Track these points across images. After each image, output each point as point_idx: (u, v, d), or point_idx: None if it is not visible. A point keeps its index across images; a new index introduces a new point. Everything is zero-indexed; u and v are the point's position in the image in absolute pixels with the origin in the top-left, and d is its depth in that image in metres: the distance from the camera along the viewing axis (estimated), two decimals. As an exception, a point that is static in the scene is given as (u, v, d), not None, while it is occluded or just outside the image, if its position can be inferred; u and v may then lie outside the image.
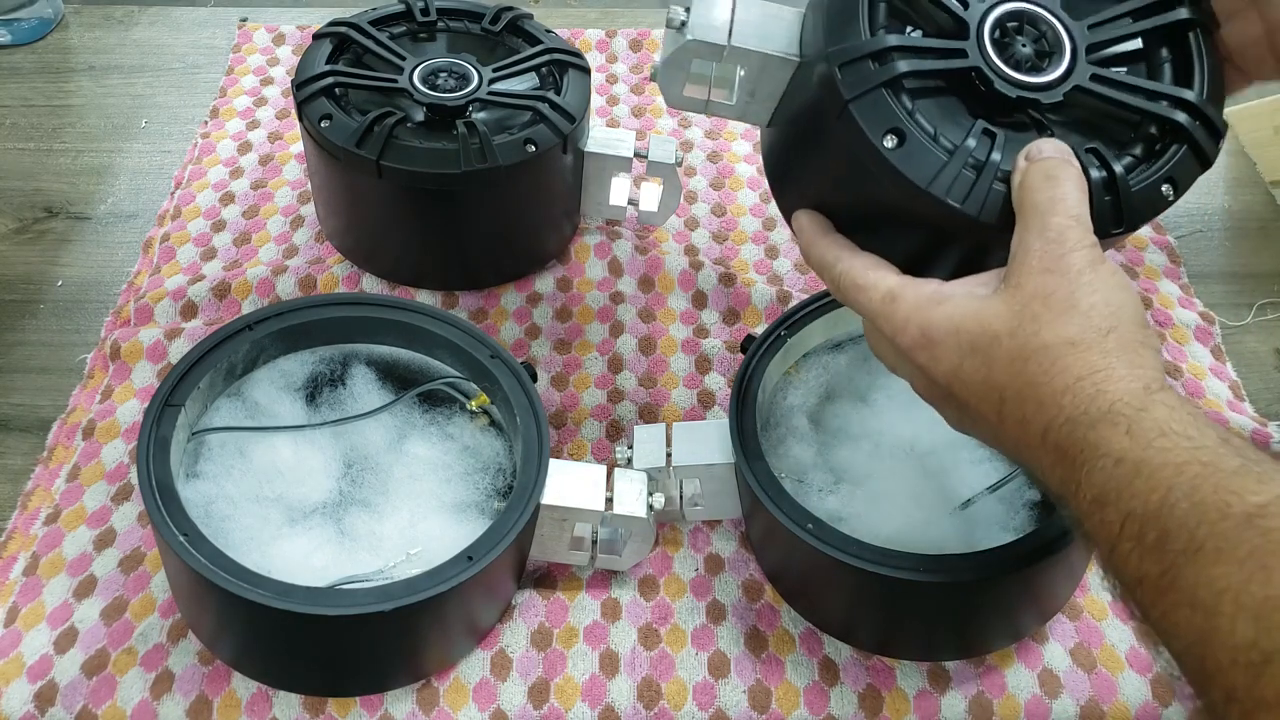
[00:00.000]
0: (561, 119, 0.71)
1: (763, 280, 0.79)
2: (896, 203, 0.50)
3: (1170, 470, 0.40)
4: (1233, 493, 0.38)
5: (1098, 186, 0.48)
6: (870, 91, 0.49)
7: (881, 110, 0.49)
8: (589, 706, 0.59)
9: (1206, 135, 0.51)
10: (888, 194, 0.50)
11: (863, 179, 0.51)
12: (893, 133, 0.49)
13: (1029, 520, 0.61)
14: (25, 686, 0.58)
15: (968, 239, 0.50)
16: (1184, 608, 0.38)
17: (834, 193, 0.54)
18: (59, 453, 0.70)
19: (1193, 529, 0.38)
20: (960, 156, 0.49)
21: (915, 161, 0.49)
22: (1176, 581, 0.38)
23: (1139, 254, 0.82)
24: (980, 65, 0.50)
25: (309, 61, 0.73)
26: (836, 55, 0.50)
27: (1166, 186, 0.50)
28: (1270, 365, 0.77)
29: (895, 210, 0.51)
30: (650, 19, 1.02)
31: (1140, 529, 0.39)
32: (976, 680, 0.60)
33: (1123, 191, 0.49)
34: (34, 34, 1.00)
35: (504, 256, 0.77)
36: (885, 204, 0.51)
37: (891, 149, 0.49)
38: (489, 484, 0.64)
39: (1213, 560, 0.37)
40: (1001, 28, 0.51)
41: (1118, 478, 0.41)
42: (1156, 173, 0.50)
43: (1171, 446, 0.40)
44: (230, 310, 0.75)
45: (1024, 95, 0.50)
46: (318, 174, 0.77)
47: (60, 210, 0.86)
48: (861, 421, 0.66)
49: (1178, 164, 0.50)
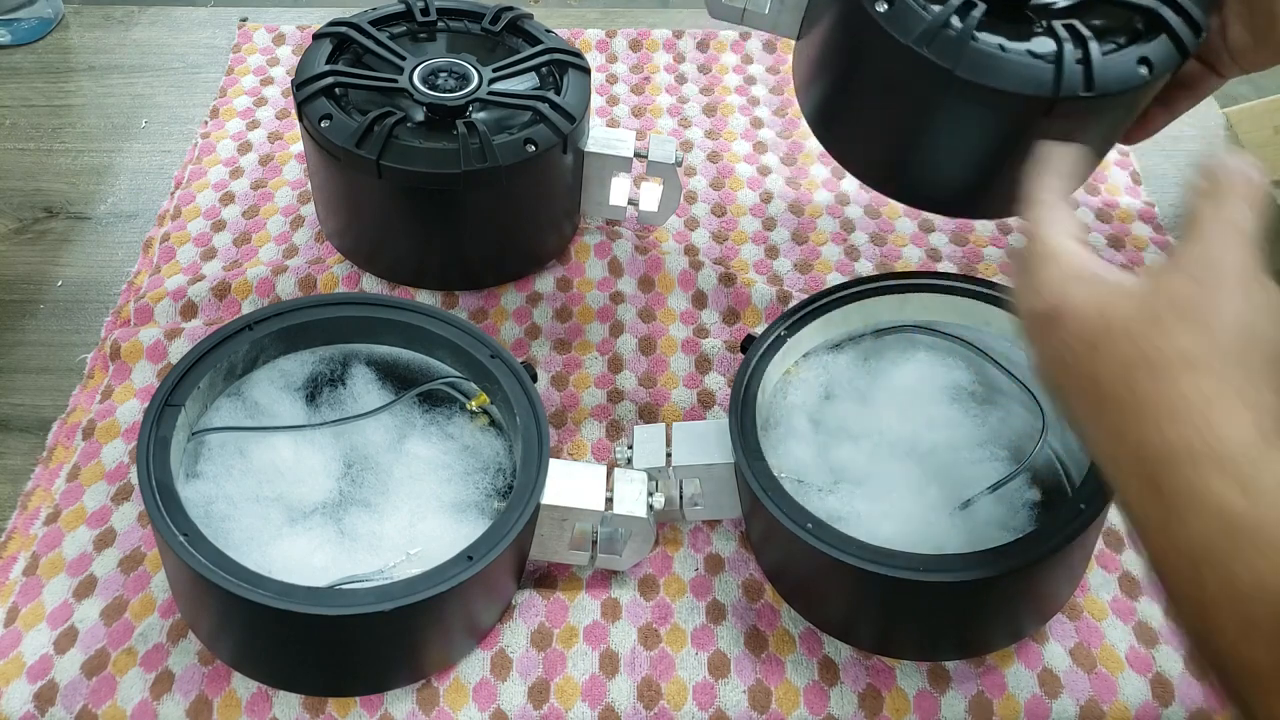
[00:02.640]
0: (561, 119, 0.71)
1: (763, 280, 0.79)
2: (891, 64, 0.57)
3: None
4: None
5: (1071, 57, 0.54)
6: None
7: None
8: (589, 706, 0.59)
9: (1185, 26, 0.57)
10: (881, 56, 0.57)
11: (862, 49, 0.58)
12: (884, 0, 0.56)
13: (1029, 520, 0.61)
14: (25, 686, 0.58)
15: (957, 102, 0.56)
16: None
17: (847, 77, 0.61)
18: (59, 453, 0.70)
19: None
20: (941, 16, 0.55)
21: (900, 21, 0.55)
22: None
23: (1139, 254, 0.82)
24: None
25: (309, 61, 0.73)
26: None
27: (1142, 67, 0.56)
28: (1270, 365, 0.77)
29: (892, 74, 0.58)
30: (650, 19, 1.02)
31: (1249, 609, 0.34)
32: (976, 680, 0.60)
33: (1094, 60, 0.55)
34: (34, 34, 1.00)
35: (504, 256, 0.77)
36: (882, 69, 0.58)
37: (882, 12, 0.56)
38: (489, 484, 0.64)
39: None
40: None
41: (1224, 537, 0.35)
42: (1132, 53, 0.56)
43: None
44: (230, 310, 0.76)
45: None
46: (318, 174, 0.77)
47: (60, 210, 0.86)
48: (861, 421, 0.66)
49: (1154, 48, 0.56)
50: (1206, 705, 0.59)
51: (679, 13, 1.03)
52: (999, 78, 0.55)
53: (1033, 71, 0.55)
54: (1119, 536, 0.66)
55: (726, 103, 0.93)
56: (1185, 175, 0.90)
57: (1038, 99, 0.55)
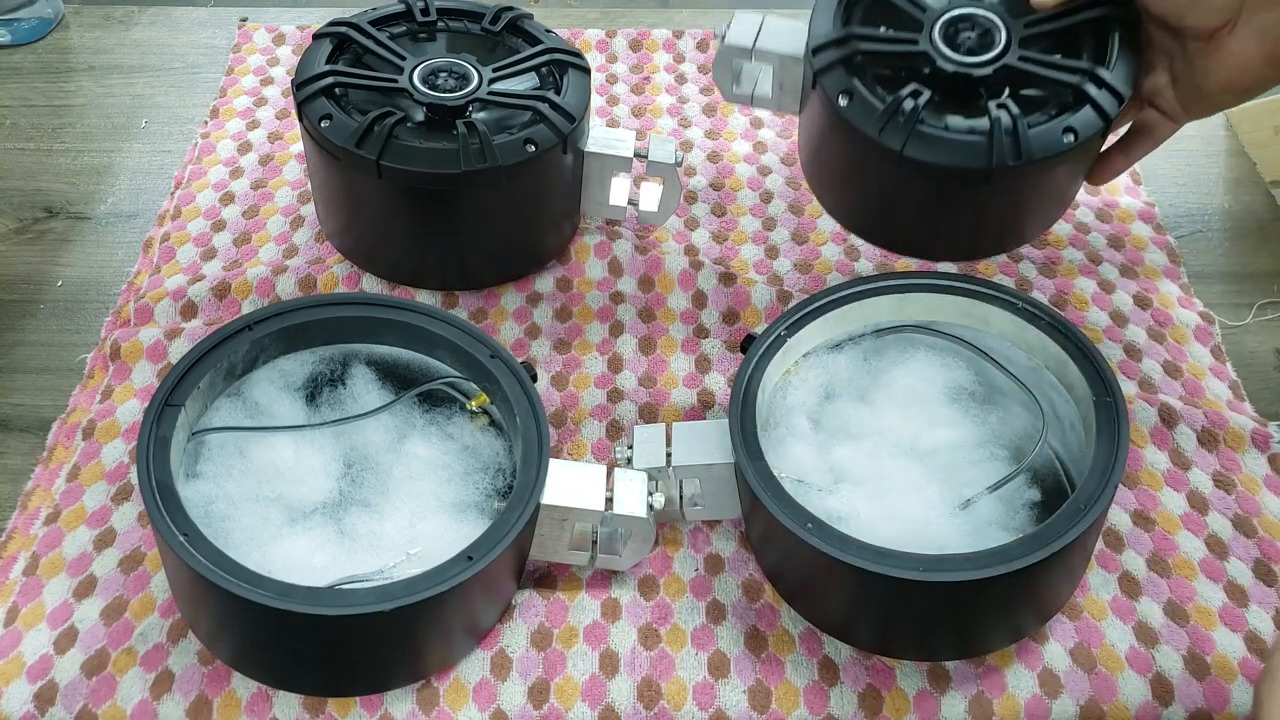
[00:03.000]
0: (561, 119, 0.71)
1: (763, 280, 0.79)
2: (854, 145, 0.66)
3: None
4: None
5: (1003, 128, 0.63)
6: (832, 66, 0.66)
7: (839, 79, 0.65)
8: (589, 706, 0.59)
9: (1107, 95, 0.64)
10: (847, 138, 0.66)
11: (831, 134, 0.68)
12: (844, 93, 0.65)
13: (1029, 520, 0.61)
14: (25, 686, 0.58)
15: (909, 175, 0.65)
16: None
17: (827, 149, 0.70)
18: (59, 453, 0.70)
19: None
20: (891, 106, 0.63)
21: (858, 112, 0.65)
22: None
23: (1139, 254, 0.82)
24: (927, 50, 0.65)
25: (309, 61, 0.73)
26: (812, 41, 0.67)
27: (1068, 135, 0.63)
28: (1270, 365, 0.77)
29: (853, 157, 0.67)
30: (650, 19, 1.02)
31: None
32: (976, 680, 0.60)
33: (1022, 131, 0.63)
34: (34, 34, 1.00)
35: (504, 256, 0.77)
36: (845, 153, 0.68)
37: (844, 106, 0.65)
38: (489, 484, 0.64)
39: None
40: (952, 25, 0.66)
41: None
42: (1059, 123, 0.64)
43: None
44: (230, 310, 0.76)
45: (960, 71, 0.64)
46: (318, 174, 0.77)
47: (60, 210, 0.86)
48: (861, 421, 0.66)
49: (1080, 118, 0.64)
50: (1206, 705, 0.59)
51: (679, 13, 1.03)
52: (941, 155, 0.63)
53: (970, 148, 0.63)
54: (1119, 536, 0.66)
55: (726, 103, 0.93)
56: (1185, 175, 0.90)
57: (975, 170, 0.63)
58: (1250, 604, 0.63)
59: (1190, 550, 0.65)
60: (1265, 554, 0.65)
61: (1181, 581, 0.64)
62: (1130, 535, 0.66)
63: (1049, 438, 0.64)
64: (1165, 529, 0.66)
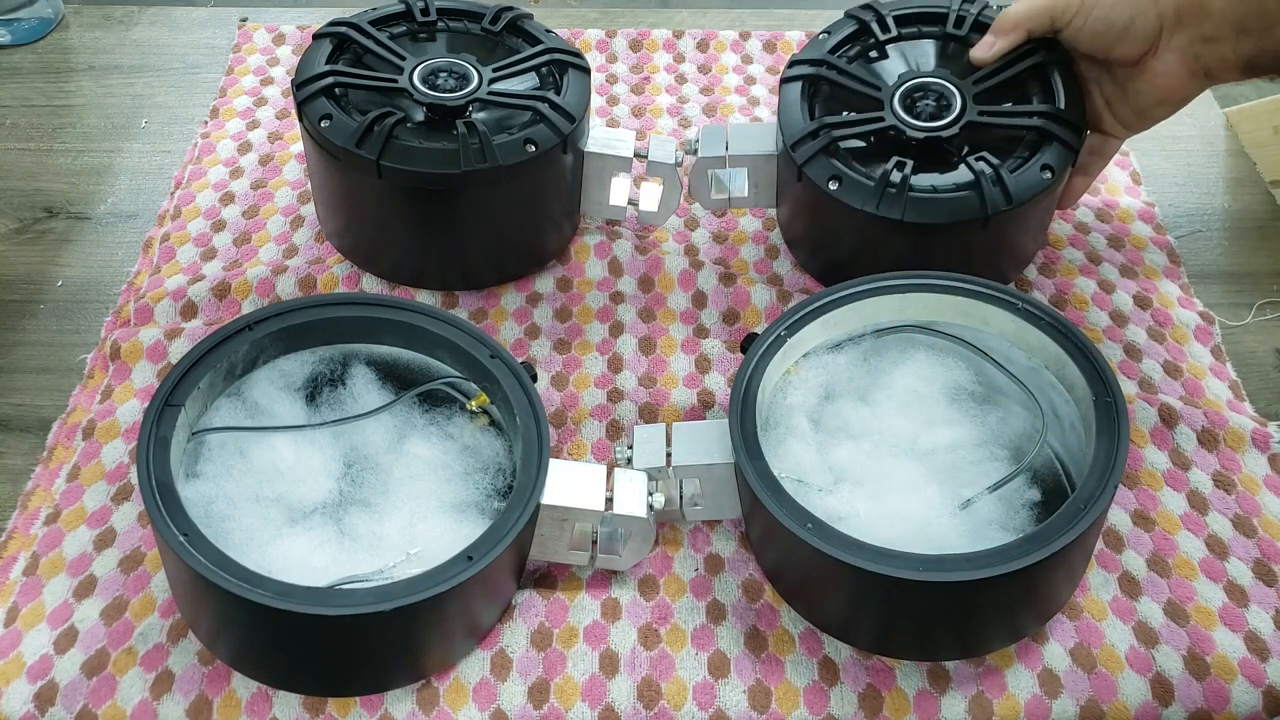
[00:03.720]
0: (561, 119, 0.71)
1: (763, 280, 0.79)
2: (851, 222, 0.71)
3: None
4: None
5: (988, 179, 0.69)
6: (814, 157, 0.71)
7: (824, 167, 0.71)
8: (589, 706, 0.59)
9: (1069, 131, 0.71)
10: (843, 217, 0.71)
11: (827, 216, 0.73)
12: (834, 179, 0.71)
13: (1029, 520, 0.61)
14: (25, 686, 0.58)
15: (911, 238, 0.70)
16: None
17: (821, 236, 0.76)
18: (59, 453, 0.70)
19: None
20: (881, 181, 0.69)
21: (851, 193, 0.70)
22: None
23: (1139, 254, 0.82)
24: (894, 123, 0.72)
25: (309, 61, 0.74)
26: (788, 138, 0.72)
27: (1045, 172, 0.70)
28: (1270, 365, 0.77)
29: (854, 233, 0.72)
30: (650, 19, 1.02)
31: None
32: (976, 680, 0.60)
33: (1006, 179, 0.69)
34: (34, 34, 1.00)
35: (504, 256, 0.77)
36: (845, 230, 0.73)
37: (835, 190, 0.70)
38: (489, 484, 0.64)
39: None
40: (908, 96, 0.73)
41: None
42: (1035, 163, 0.70)
43: None
44: (230, 310, 0.76)
45: (929, 136, 0.71)
46: (318, 174, 0.77)
47: (60, 210, 0.86)
48: (861, 421, 0.66)
49: (1051, 155, 0.71)
50: (1206, 705, 0.59)
51: (679, 13, 1.03)
52: (938, 214, 0.69)
53: (962, 202, 0.69)
54: (1119, 536, 0.66)
55: (726, 103, 0.93)
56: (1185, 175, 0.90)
57: (972, 221, 0.69)
58: (1250, 604, 0.63)
59: (1190, 550, 0.65)
60: (1265, 554, 0.65)
61: (1181, 581, 0.64)
62: (1130, 535, 0.66)
63: (1049, 438, 0.64)
64: (1165, 529, 0.66)
